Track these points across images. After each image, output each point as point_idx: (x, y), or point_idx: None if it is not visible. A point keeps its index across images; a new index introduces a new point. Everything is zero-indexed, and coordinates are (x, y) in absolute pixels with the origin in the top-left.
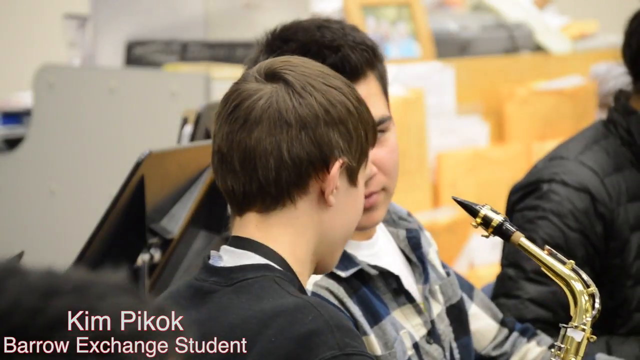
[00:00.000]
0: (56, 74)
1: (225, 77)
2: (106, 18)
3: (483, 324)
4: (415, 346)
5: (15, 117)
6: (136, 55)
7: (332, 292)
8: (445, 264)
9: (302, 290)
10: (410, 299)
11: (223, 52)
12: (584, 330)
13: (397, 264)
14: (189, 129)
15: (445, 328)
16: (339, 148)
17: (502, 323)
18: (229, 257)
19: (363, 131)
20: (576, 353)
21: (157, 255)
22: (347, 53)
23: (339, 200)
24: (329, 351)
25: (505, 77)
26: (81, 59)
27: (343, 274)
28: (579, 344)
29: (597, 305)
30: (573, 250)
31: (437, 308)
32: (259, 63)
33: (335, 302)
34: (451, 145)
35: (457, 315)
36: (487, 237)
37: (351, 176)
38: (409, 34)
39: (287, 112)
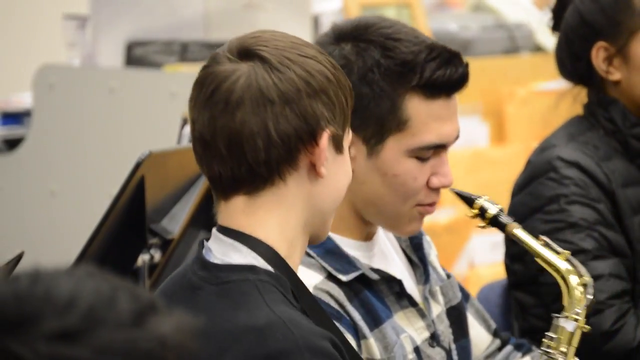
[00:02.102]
0: (56, 74)
1: None
2: (106, 18)
3: (475, 333)
4: (417, 350)
5: (15, 117)
6: (136, 56)
7: (332, 296)
8: (445, 270)
9: (291, 277)
10: (412, 302)
11: None
12: (576, 320)
13: (398, 266)
14: (189, 129)
15: (444, 329)
16: (324, 118)
17: (495, 334)
18: (217, 247)
19: (343, 97)
20: (569, 343)
21: (157, 255)
22: (467, 65)
23: (328, 170)
24: None
25: (505, 77)
26: (81, 59)
27: (344, 277)
28: (572, 334)
29: (589, 296)
30: (609, 220)
31: (437, 309)
32: (228, 43)
33: (336, 306)
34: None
35: (457, 317)
36: (483, 227)
37: (337, 144)
38: None
39: (269, 89)
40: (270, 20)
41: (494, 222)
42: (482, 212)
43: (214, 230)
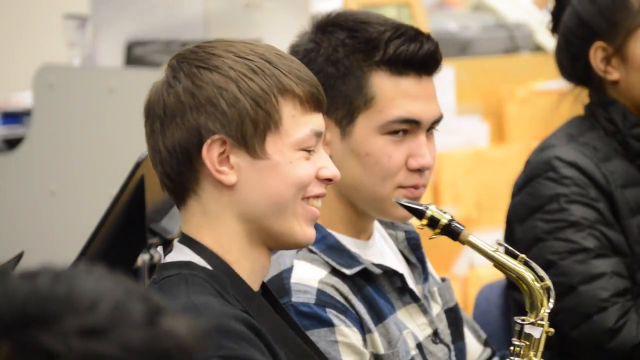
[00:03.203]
0: (56, 74)
1: None
2: (106, 18)
3: (467, 342)
4: (419, 346)
5: (15, 117)
6: (136, 55)
7: (337, 290)
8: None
9: (234, 281)
10: (414, 297)
11: None
12: (541, 325)
13: (397, 265)
14: None
15: (444, 328)
16: (206, 129)
17: (486, 344)
18: (172, 252)
19: (249, 101)
20: (536, 349)
21: (157, 255)
22: (437, 45)
23: (244, 176)
24: None
25: (505, 77)
26: (81, 59)
27: (348, 271)
28: (538, 340)
29: (552, 300)
30: (609, 219)
31: (436, 308)
32: None
33: (342, 300)
34: (451, 145)
35: (454, 319)
36: (433, 237)
37: (250, 149)
38: None
39: (159, 105)
40: (270, 20)
41: (446, 230)
42: (432, 222)
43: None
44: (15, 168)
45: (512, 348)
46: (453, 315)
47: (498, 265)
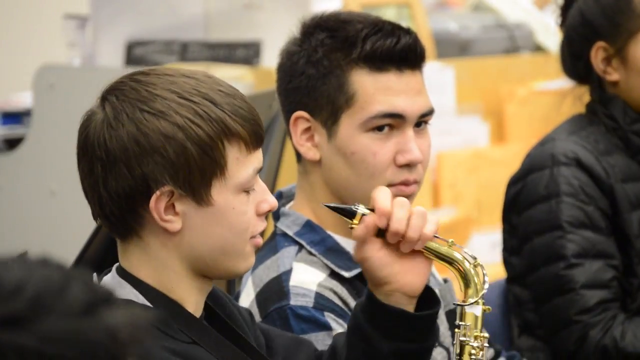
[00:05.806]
0: (56, 74)
1: (225, 77)
2: (106, 18)
3: None
4: None
5: (15, 117)
6: (136, 55)
7: (336, 293)
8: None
9: (178, 313)
10: None
11: (223, 52)
12: (478, 303)
13: None
14: None
15: (444, 331)
16: (154, 179)
17: (489, 344)
18: (109, 282)
19: (196, 149)
20: (478, 326)
21: None
22: (416, 38)
23: (189, 222)
24: None
25: (505, 77)
26: (81, 59)
27: (347, 274)
28: (478, 317)
29: (486, 278)
30: (597, 223)
31: None
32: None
33: (340, 303)
34: (451, 145)
35: (455, 320)
36: None
37: (197, 196)
38: None
39: (99, 147)
40: (270, 20)
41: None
42: None
43: (113, 269)
44: (15, 168)
45: (457, 330)
46: (454, 317)
47: (431, 252)
